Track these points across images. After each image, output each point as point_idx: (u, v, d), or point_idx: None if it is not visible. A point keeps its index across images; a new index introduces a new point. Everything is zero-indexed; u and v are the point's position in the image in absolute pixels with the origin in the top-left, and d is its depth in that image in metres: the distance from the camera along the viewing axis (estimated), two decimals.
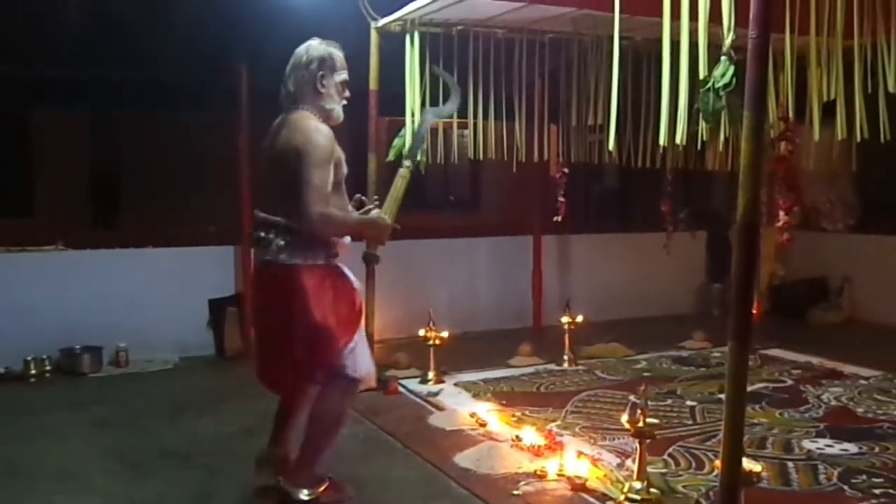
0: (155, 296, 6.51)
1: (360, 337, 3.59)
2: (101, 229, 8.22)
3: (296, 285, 3.40)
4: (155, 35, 6.11)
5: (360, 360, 3.58)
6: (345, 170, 3.62)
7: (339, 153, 3.55)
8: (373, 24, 5.50)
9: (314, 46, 3.58)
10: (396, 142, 5.62)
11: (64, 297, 6.25)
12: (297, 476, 3.56)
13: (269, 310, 3.56)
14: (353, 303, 3.59)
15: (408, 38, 5.50)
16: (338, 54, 3.61)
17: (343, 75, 3.62)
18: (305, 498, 3.52)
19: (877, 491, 3.70)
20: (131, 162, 9.04)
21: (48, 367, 6.08)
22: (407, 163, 3.91)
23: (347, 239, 3.66)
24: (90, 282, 6.38)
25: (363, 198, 3.84)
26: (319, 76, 3.53)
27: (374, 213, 3.72)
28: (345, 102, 3.66)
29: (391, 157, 5.65)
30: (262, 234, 3.47)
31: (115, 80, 6.50)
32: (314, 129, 3.42)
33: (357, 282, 3.70)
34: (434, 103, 5.56)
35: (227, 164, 6.80)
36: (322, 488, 3.58)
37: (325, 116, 3.55)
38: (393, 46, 5.51)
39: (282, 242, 3.42)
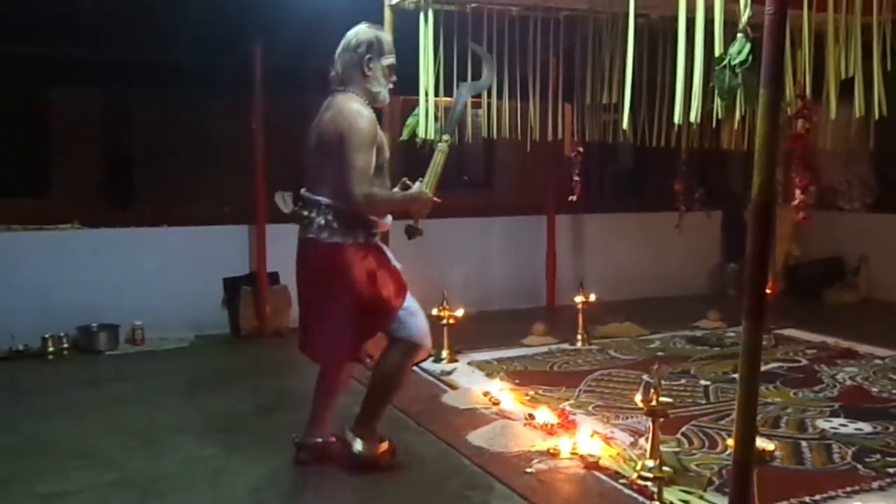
0: (170, 275, 6.55)
1: (416, 305, 3.67)
2: (117, 208, 8.22)
3: (339, 261, 3.53)
4: (170, 15, 6.11)
5: (419, 325, 3.65)
6: (387, 154, 3.71)
7: (382, 137, 3.67)
8: (386, 2, 5.46)
9: (363, 30, 3.70)
10: (410, 120, 5.59)
11: (80, 276, 6.30)
12: (357, 428, 3.69)
13: (313, 285, 3.66)
14: (397, 273, 3.69)
15: (422, 15, 5.46)
16: (386, 38, 3.75)
17: (390, 59, 3.74)
18: (360, 449, 3.64)
19: (891, 470, 3.69)
20: (146, 141, 9.06)
21: (65, 345, 6.14)
22: (446, 137, 3.94)
23: (388, 220, 3.74)
24: (106, 260, 6.42)
25: (408, 181, 3.87)
26: (366, 59, 3.65)
27: (416, 186, 3.77)
28: (391, 86, 3.76)
29: (405, 136, 5.63)
30: (305, 213, 3.61)
31: (131, 60, 6.52)
32: (357, 114, 3.53)
33: (397, 262, 3.76)
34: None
35: (242, 143, 6.80)
36: (382, 448, 3.70)
37: (371, 99, 3.67)
38: (407, 24, 5.48)
39: (322, 221, 3.55)
